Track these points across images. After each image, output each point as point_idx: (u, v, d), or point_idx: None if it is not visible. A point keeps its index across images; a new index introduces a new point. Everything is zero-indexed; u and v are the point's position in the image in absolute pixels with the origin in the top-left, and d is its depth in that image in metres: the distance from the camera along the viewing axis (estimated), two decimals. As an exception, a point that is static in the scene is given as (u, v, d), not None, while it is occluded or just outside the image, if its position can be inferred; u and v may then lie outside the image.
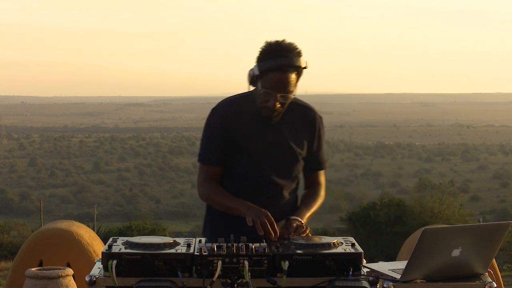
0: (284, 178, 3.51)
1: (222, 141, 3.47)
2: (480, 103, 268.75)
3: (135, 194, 68.04)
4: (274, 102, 3.36)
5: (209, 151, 3.50)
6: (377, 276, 2.93)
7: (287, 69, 3.32)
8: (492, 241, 2.95)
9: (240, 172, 3.48)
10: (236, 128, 3.46)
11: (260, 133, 3.46)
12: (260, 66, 3.34)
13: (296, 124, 3.52)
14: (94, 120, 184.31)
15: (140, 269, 2.89)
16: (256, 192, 3.47)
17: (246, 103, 3.48)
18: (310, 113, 3.57)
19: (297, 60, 3.34)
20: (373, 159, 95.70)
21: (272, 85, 3.33)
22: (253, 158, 3.46)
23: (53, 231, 4.70)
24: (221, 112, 3.49)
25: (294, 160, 3.52)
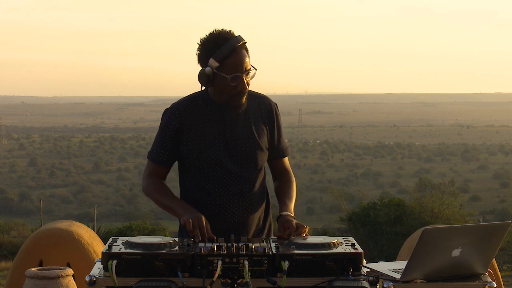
0: (251, 171, 3.49)
1: (172, 143, 3.47)
2: (480, 103, 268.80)
3: (135, 194, 67.98)
4: (243, 83, 3.37)
5: (156, 151, 3.51)
6: (377, 276, 2.93)
7: (240, 48, 3.37)
8: (492, 241, 2.95)
9: (205, 170, 3.46)
10: (194, 126, 3.45)
11: (220, 129, 3.45)
12: (216, 57, 3.35)
13: (254, 115, 3.51)
14: (94, 120, 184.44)
15: (140, 269, 2.88)
16: (224, 188, 3.45)
17: (200, 101, 3.48)
18: (266, 102, 3.57)
19: (240, 37, 3.40)
20: (373, 159, 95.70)
21: (235, 68, 3.35)
22: (216, 154, 3.44)
23: (53, 231, 4.70)
24: (174, 113, 3.49)
25: (258, 151, 3.50)
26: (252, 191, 3.49)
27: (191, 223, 3.18)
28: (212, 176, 3.45)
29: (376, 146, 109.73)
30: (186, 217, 3.24)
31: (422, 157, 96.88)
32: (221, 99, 3.43)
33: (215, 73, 3.37)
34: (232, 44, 3.36)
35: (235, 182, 3.46)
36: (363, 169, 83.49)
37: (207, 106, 3.47)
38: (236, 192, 3.46)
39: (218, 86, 3.40)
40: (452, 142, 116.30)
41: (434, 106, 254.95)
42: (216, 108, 3.46)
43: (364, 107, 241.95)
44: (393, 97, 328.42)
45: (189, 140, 3.45)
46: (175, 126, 3.46)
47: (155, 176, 3.53)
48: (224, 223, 3.45)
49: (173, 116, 3.48)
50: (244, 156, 3.47)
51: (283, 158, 3.64)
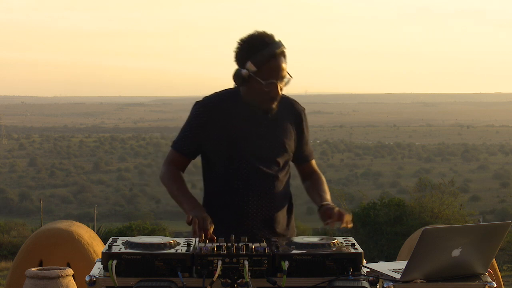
0: (273, 170, 3.50)
1: (197, 135, 3.49)
2: (480, 103, 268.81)
3: (135, 194, 68.04)
4: (277, 89, 3.39)
5: (180, 141, 3.54)
6: (377, 276, 2.93)
7: (279, 54, 3.38)
8: (492, 241, 2.95)
9: (229, 166, 3.47)
10: (221, 122, 3.46)
11: (247, 127, 3.47)
12: (255, 61, 3.35)
13: (282, 117, 3.53)
14: (94, 120, 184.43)
15: (140, 269, 2.88)
16: (247, 185, 3.47)
17: (232, 99, 3.49)
18: (293, 105, 3.59)
19: (280, 43, 3.41)
20: (373, 159, 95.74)
21: (272, 74, 3.36)
22: (241, 151, 3.46)
23: (53, 231, 4.70)
24: (204, 106, 3.50)
25: (283, 152, 3.52)
26: (275, 189, 3.51)
27: (197, 223, 3.19)
28: (235, 173, 3.47)
29: (376, 146, 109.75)
30: (192, 215, 3.25)
31: (422, 157, 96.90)
32: (253, 101, 3.45)
33: (251, 76, 3.38)
34: (272, 50, 3.36)
35: (259, 180, 3.48)
36: (363, 169, 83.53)
37: (237, 104, 3.48)
38: (260, 189, 3.48)
39: (252, 89, 3.41)
40: (452, 142, 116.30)
41: (434, 106, 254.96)
42: (246, 106, 3.47)
43: (364, 107, 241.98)
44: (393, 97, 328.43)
45: (215, 136, 3.46)
46: (202, 120, 3.48)
47: (173, 165, 3.55)
48: (248, 220, 3.47)
49: (202, 109, 3.49)
50: (268, 155, 3.49)
51: (310, 162, 3.68)
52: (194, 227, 3.19)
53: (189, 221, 3.22)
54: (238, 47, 3.43)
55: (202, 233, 3.16)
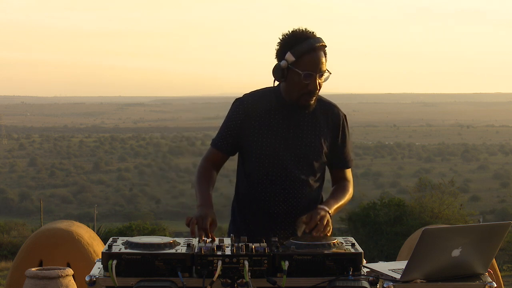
0: (304, 174, 3.48)
1: (234, 132, 3.48)
2: (480, 103, 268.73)
3: (135, 194, 68.03)
4: (315, 83, 3.37)
5: (218, 137, 3.53)
6: (377, 276, 2.93)
7: (319, 48, 3.37)
8: (492, 241, 2.95)
9: (261, 167, 3.47)
10: (258, 120, 3.46)
11: (284, 127, 3.46)
12: (294, 51, 3.35)
13: (319, 120, 3.50)
14: (94, 120, 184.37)
15: (140, 269, 2.88)
16: (275, 186, 3.47)
17: (271, 97, 3.48)
18: (333, 110, 3.55)
19: (321, 39, 3.41)
20: (373, 159, 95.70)
21: (310, 66, 3.35)
22: (275, 151, 3.45)
23: (53, 231, 4.70)
24: (243, 103, 3.50)
25: (315, 156, 3.49)
26: (304, 194, 3.49)
27: (195, 224, 3.18)
28: (265, 173, 3.47)
29: (376, 146, 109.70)
30: (194, 215, 3.24)
31: (422, 157, 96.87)
32: (291, 96, 3.42)
33: (290, 68, 3.37)
34: (312, 43, 3.36)
35: (287, 182, 3.47)
36: (363, 169, 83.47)
37: (276, 102, 3.47)
38: (287, 192, 3.47)
39: (291, 82, 3.39)
40: (452, 142, 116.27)
41: (434, 106, 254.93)
42: (285, 106, 3.46)
43: (364, 107, 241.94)
44: (393, 97, 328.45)
45: (250, 134, 3.46)
46: (241, 117, 3.47)
47: (209, 161, 3.54)
48: (271, 222, 3.47)
49: (241, 106, 3.49)
50: (302, 158, 3.47)
51: (344, 169, 3.63)
52: (192, 228, 3.18)
53: (188, 222, 3.22)
54: (279, 42, 3.42)
55: (201, 232, 3.15)
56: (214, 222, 3.23)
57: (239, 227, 3.55)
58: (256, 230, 3.36)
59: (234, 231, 3.54)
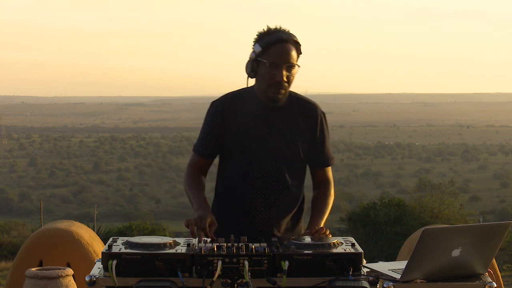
0: (283, 173, 3.48)
1: (217, 135, 3.48)
2: (480, 103, 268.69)
3: (135, 194, 68.00)
4: (281, 74, 3.36)
5: (200, 142, 3.53)
6: (377, 276, 2.93)
7: (288, 40, 3.37)
8: (492, 241, 2.95)
9: (240, 167, 3.47)
10: (236, 121, 3.45)
11: (260, 127, 3.45)
12: (262, 42, 3.37)
13: (296, 119, 3.49)
14: (94, 120, 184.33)
15: (140, 269, 2.89)
16: (255, 186, 3.46)
17: (246, 98, 3.48)
18: (311, 108, 3.54)
19: (293, 34, 3.41)
20: (373, 159, 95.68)
21: (277, 57, 3.35)
22: (251, 152, 3.45)
23: (53, 231, 4.70)
24: (220, 105, 3.49)
25: (294, 154, 3.49)
26: (282, 194, 3.49)
27: (194, 225, 3.18)
28: (244, 174, 3.46)
29: (376, 146, 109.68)
30: (192, 217, 3.24)
31: (422, 157, 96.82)
32: (260, 89, 3.43)
33: (258, 60, 3.38)
34: (280, 35, 3.37)
35: (266, 181, 3.46)
36: (363, 169, 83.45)
37: (252, 103, 3.46)
38: (267, 191, 3.46)
39: (259, 75, 3.40)
40: (452, 142, 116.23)
41: (434, 106, 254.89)
42: (261, 105, 3.46)
43: (364, 107, 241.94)
44: (393, 97, 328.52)
45: (230, 135, 3.45)
46: (219, 119, 3.47)
47: (194, 167, 3.54)
48: (251, 222, 3.47)
49: (218, 108, 3.48)
50: (280, 157, 3.46)
51: (324, 168, 3.60)
52: (192, 229, 3.18)
53: (187, 223, 3.22)
54: (257, 34, 3.45)
55: (200, 232, 3.16)
56: (213, 223, 3.24)
57: (218, 227, 3.51)
58: (235, 230, 3.33)
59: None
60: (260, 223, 3.48)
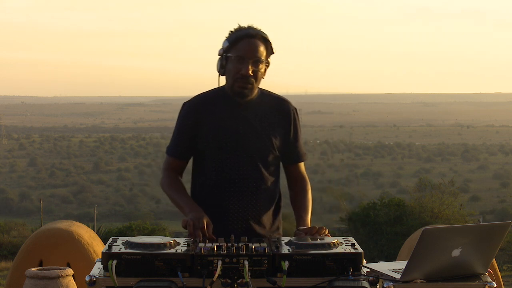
0: (259, 170, 3.48)
1: (190, 136, 3.47)
2: (480, 103, 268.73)
3: (135, 194, 68.01)
4: (247, 68, 3.36)
5: (173, 145, 3.52)
6: (377, 276, 2.93)
7: (256, 36, 3.39)
8: (492, 241, 2.95)
9: (216, 167, 3.45)
10: (209, 121, 3.45)
11: (234, 125, 3.45)
12: (230, 38, 3.39)
13: (269, 116, 3.50)
14: (94, 120, 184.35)
15: (140, 269, 2.88)
16: (231, 184, 3.45)
17: (218, 97, 3.48)
18: (284, 104, 3.56)
19: (264, 33, 3.42)
20: (373, 159, 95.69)
21: (243, 51, 3.36)
22: (226, 150, 3.44)
23: (53, 231, 4.70)
24: (192, 106, 3.49)
25: (268, 151, 3.49)
26: (261, 190, 3.48)
27: (192, 226, 3.18)
28: (221, 171, 3.45)
29: (376, 146, 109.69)
30: (188, 217, 3.25)
31: (422, 157, 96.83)
32: (228, 84, 3.44)
33: (226, 56, 3.40)
34: (248, 31, 3.39)
35: (242, 179, 3.46)
36: (363, 169, 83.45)
37: (224, 102, 3.47)
38: (243, 188, 3.46)
39: (227, 69, 3.42)
40: (452, 142, 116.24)
41: (434, 106, 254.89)
42: (232, 104, 3.46)
43: (364, 107, 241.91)
44: (393, 97, 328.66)
45: (204, 135, 3.45)
46: (191, 120, 3.46)
47: (171, 170, 3.54)
48: (229, 220, 3.46)
49: (190, 109, 3.48)
50: (255, 154, 3.47)
51: (298, 164, 3.61)
52: (190, 229, 3.19)
53: (184, 224, 3.23)
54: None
55: (198, 232, 3.16)
56: (209, 223, 3.24)
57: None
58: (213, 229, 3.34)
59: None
60: (239, 222, 3.47)
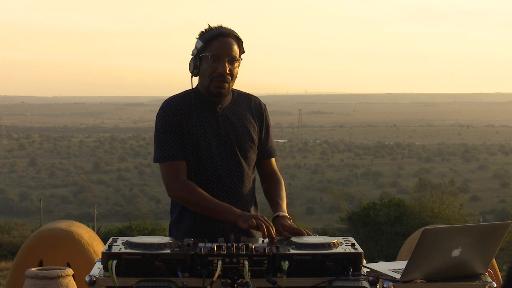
0: (243, 167, 3.48)
1: (180, 135, 3.42)
2: (480, 103, 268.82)
3: (135, 194, 68.02)
4: (224, 66, 3.36)
5: (170, 147, 3.42)
6: (377, 276, 2.93)
7: (229, 34, 3.39)
8: (492, 241, 2.95)
9: (199, 165, 3.43)
10: (188, 122, 3.42)
11: (212, 124, 3.44)
12: (204, 37, 3.39)
13: (243, 113, 3.51)
14: (94, 120, 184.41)
15: (140, 269, 2.88)
16: (218, 182, 3.44)
17: (193, 97, 3.46)
18: (256, 100, 3.58)
19: (236, 32, 3.43)
20: (373, 159, 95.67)
21: (219, 49, 3.36)
22: (210, 150, 3.43)
23: (53, 231, 4.70)
24: (172, 108, 3.45)
25: (250, 146, 3.49)
26: (244, 187, 3.49)
27: (264, 226, 3.15)
28: (204, 172, 3.43)
29: (376, 146, 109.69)
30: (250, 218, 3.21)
31: (422, 157, 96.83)
32: (204, 85, 3.43)
33: (200, 56, 3.39)
34: (221, 30, 3.40)
35: (228, 178, 3.45)
36: (363, 169, 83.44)
37: (199, 102, 3.46)
38: (229, 188, 3.45)
39: (202, 69, 3.40)
40: (452, 142, 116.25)
41: (434, 106, 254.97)
42: (208, 104, 3.46)
43: (364, 107, 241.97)
44: (393, 97, 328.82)
45: (187, 136, 3.42)
46: (178, 119, 3.43)
47: (182, 175, 3.40)
48: (215, 220, 3.44)
49: (173, 110, 3.44)
50: (239, 151, 3.47)
51: (271, 159, 3.62)
52: (263, 229, 3.14)
53: (248, 226, 3.19)
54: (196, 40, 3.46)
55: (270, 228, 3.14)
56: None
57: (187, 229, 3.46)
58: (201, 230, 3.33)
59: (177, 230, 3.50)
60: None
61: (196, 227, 3.42)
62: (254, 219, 3.19)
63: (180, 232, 3.47)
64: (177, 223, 3.52)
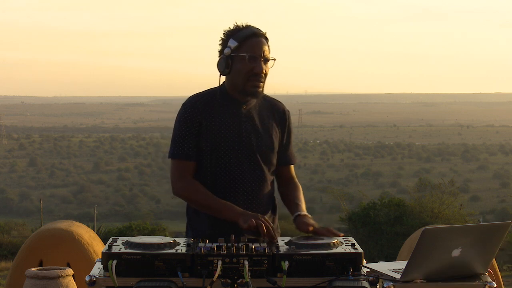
0: (263, 169, 3.47)
1: (196, 136, 3.41)
2: (480, 103, 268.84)
3: (135, 194, 68.06)
4: (261, 66, 3.36)
5: (183, 146, 3.42)
6: (377, 276, 2.93)
7: (261, 35, 3.40)
8: (492, 241, 2.95)
9: (221, 167, 3.42)
10: (211, 121, 3.41)
11: (235, 125, 3.43)
12: (237, 37, 3.37)
13: (268, 116, 3.50)
14: (94, 120, 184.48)
15: (140, 269, 2.88)
16: (237, 184, 3.43)
17: (218, 95, 3.45)
18: (280, 106, 3.57)
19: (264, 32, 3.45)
20: (373, 159, 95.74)
21: (254, 49, 3.36)
22: (231, 150, 3.41)
23: (53, 231, 4.69)
24: (194, 106, 3.43)
25: (271, 149, 3.49)
26: (262, 190, 3.47)
27: (264, 226, 3.15)
28: (221, 172, 3.42)
29: (376, 146, 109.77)
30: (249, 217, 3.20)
31: (422, 157, 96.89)
32: (238, 84, 3.40)
33: (234, 55, 3.37)
34: (253, 29, 3.39)
35: (246, 180, 3.44)
36: (363, 169, 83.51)
37: (224, 101, 3.44)
38: (246, 190, 3.44)
39: (235, 70, 3.38)
40: (452, 142, 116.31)
41: (434, 106, 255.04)
42: (233, 103, 3.44)
43: (364, 107, 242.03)
44: (393, 97, 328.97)
45: (206, 135, 3.41)
46: (197, 118, 3.41)
47: (189, 175, 3.42)
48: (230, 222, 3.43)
49: (193, 109, 3.43)
50: (259, 154, 3.46)
51: (290, 166, 3.61)
52: (262, 230, 3.14)
53: (248, 226, 3.18)
54: (221, 37, 3.45)
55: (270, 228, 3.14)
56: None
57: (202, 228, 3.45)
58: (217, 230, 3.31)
59: (193, 231, 3.49)
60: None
61: (211, 227, 3.41)
62: (254, 219, 3.19)
63: (195, 233, 3.47)
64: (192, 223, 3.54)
